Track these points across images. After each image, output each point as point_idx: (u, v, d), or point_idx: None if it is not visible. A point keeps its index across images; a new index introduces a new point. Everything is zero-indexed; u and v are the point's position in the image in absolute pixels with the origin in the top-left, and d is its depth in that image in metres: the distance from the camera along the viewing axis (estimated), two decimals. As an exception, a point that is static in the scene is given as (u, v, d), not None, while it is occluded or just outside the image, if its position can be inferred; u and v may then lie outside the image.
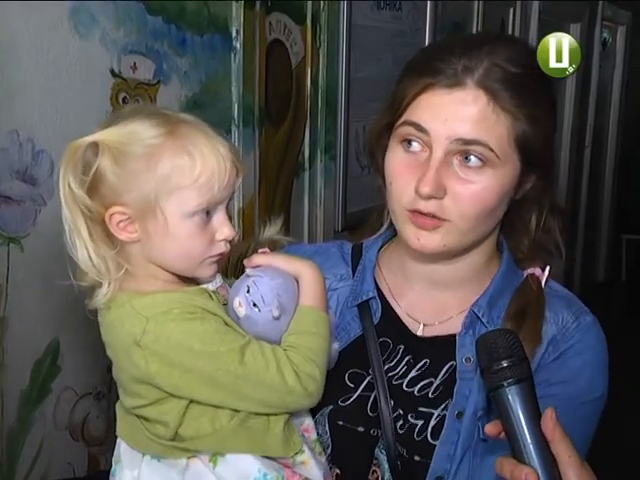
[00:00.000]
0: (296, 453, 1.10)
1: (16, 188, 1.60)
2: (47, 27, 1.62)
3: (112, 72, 1.79)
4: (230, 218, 1.10)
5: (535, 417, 0.95)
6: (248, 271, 1.12)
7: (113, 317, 1.08)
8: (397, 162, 1.13)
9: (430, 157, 1.08)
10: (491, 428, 0.99)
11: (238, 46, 2.16)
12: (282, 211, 2.49)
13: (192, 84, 2.02)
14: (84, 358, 1.81)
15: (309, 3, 2.49)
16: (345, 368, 1.21)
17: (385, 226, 1.29)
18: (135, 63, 1.85)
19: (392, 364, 1.21)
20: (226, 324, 1.07)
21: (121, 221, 1.05)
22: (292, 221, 2.55)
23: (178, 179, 1.02)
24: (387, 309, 1.25)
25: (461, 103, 1.07)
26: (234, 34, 2.15)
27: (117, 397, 1.20)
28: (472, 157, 1.08)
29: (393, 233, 1.28)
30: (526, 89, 1.09)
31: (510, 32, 4.12)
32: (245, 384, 1.05)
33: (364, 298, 1.24)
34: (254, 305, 1.07)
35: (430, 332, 1.22)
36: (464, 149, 1.08)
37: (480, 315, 1.19)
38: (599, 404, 1.20)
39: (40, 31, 1.60)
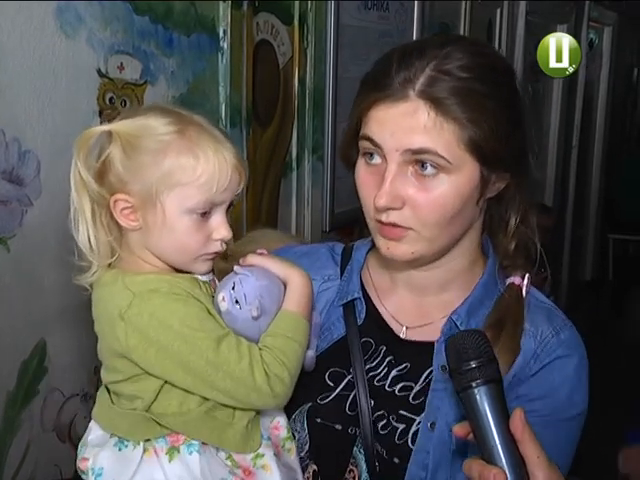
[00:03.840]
0: (257, 456, 1.13)
1: (2, 188, 1.59)
2: (33, 27, 1.61)
3: (99, 72, 1.78)
4: (229, 221, 1.14)
5: (504, 417, 0.95)
6: (236, 268, 1.14)
7: (105, 291, 1.12)
8: (361, 175, 1.16)
9: (384, 170, 1.11)
10: (459, 429, 0.99)
11: (225, 46, 2.16)
12: (270, 211, 2.49)
13: (179, 84, 2.02)
14: (71, 359, 1.80)
15: (296, 3, 2.49)
16: (326, 367, 1.22)
17: None
18: (122, 63, 1.84)
19: (373, 365, 1.21)
20: (209, 313, 1.11)
21: (124, 208, 1.10)
22: (280, 221, 2.55)
23: (180, 176, 1.08)
24: (371, 310, 1.25)
25: (405, 115, 1.08)
26: (221, 34, 2.15)
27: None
28: (425, 165, 1.09)
29: None
30: (473, 94, 1.07)
31: (497, 32, 4.14)
32: (215, 373, 1.08)
33: (349, 298, 1.25)
34: (236, 302, 1.11)
35: (412, 335, 1.22)
36: (415, 158, 1.09)
37: (459, 324, 1.19)
38: (579, 421, 1.19)
39: (26, 31, 1.60)
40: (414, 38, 3.18)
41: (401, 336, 1.22)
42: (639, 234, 6.68)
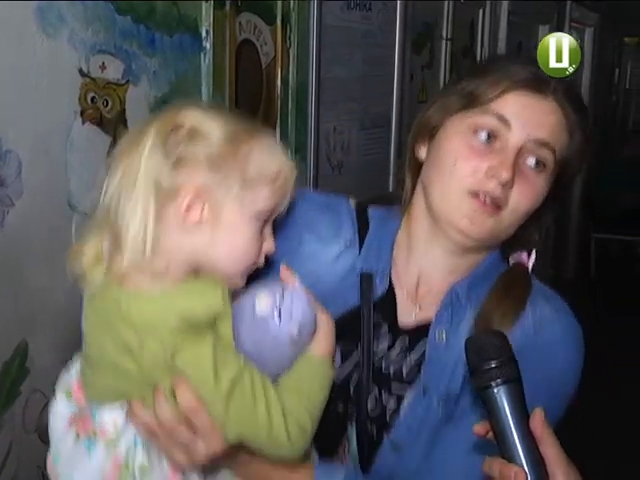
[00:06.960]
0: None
1: (-17, 189, 1.58)
2: (14, 26, 1.61)
3: (80, 72, 1.78)
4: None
5: (523, 417, 0.96)
6: (289, 281, 1.09)
7: (103, 309, 1.03)
8: (466, 144, 1.18)
9: (506, 148, 1.16)
10: (479, 428, 1.00)
11: (208, 46, 2.16)
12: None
13: (161, 84, 2.02)
14: (53, 360, 1.79)
15: (279, 3, 2.49)
16: (337, 340, 1.18)
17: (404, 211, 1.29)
18: (104, 63, 1.84)
19: (382, 346, 1.22)
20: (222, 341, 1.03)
21: (192, 204, 1.02)
22: (263, 221, 2.55)
23: (259, 175, 1.05)
24: (390, 289, 1.26)
25: (544, 111, 1.17)
26: (204, 34, 2.15)
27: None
28: (537, 159, 1.17)
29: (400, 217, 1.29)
30: (583, 119, 1.21)
31: (479, 33, 4.16)
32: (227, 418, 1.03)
33: (374, 272, 1.25)
34: (279, 314, 1.03)
35: (420, 316, 1.24)
36: (535, 150, 1.16)
37: (460, 295, 1.22)
38: (567, 400, 1.21)
39: (7, 30, 1.59)
40: (397, 38, 3.21)
41: (411, 317, 1.24)
42: (621, 234, 6.74)
